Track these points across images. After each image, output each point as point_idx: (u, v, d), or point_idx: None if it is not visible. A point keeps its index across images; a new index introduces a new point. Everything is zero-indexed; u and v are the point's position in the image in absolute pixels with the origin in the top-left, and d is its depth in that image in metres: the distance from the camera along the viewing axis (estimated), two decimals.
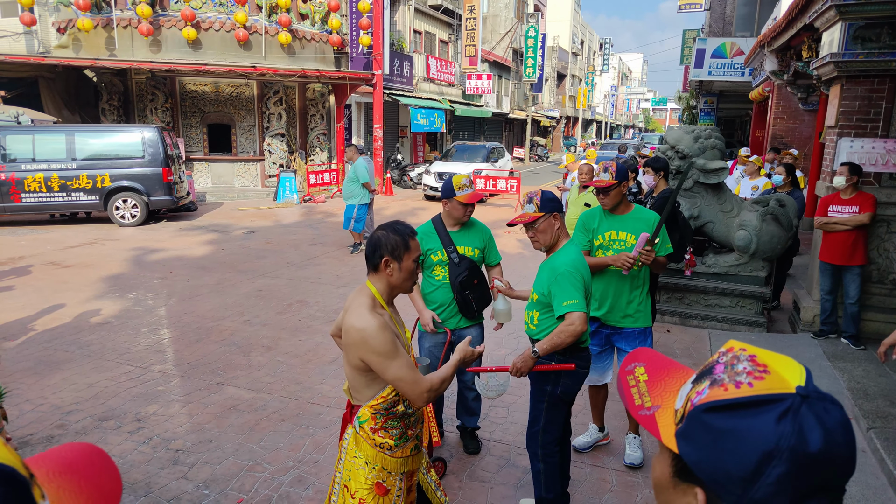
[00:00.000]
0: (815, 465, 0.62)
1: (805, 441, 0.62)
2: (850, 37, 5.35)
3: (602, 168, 3.49)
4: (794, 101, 12.66)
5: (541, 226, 2.84)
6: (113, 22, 14.19)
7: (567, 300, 2.72)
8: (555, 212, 2.85)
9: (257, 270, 8.35)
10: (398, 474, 2.17)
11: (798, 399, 0.63)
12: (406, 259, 2.11)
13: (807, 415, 0.63)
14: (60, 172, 11.15)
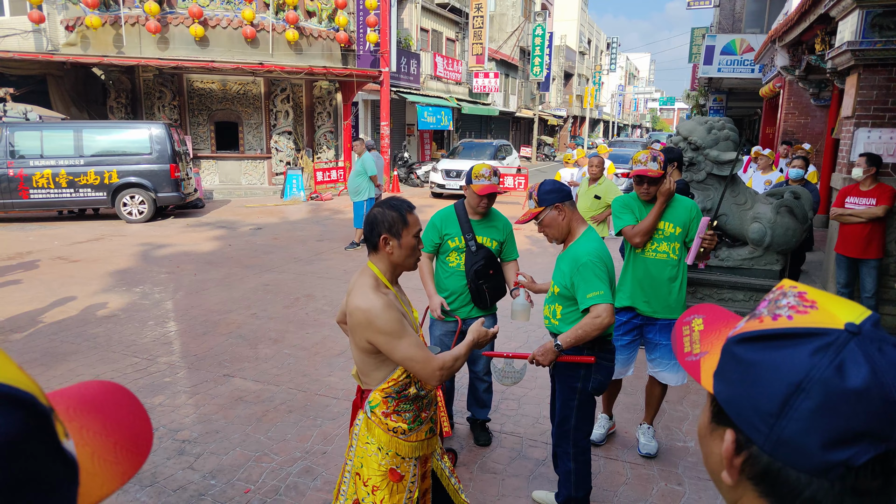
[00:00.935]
0: (852, 403, 0.54)
1: (844, 375, 0.54)
2: (868, 24, 5.25)
3: (650, 157, 3.32)
4: (806, 96, 12.52)
5: (545, 219, 2.74)
6: (121, 19, 14.22)
7: (591, 291, 2.59)
8: (557, 203, 2.70)
9: (264, 265, 8.31)
10: (412, 459, 2.09)
11: (845, 335, 0.56)
12: (405, 235, 2.02)
13: (853, 350, 0.55)
14: (68, 169, 11.15)
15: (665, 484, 3.36)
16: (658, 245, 3.44)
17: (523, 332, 5.82)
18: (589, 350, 2.72)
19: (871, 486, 0.55)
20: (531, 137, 37.23)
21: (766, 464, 0.59)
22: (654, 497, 3.25)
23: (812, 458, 0.56)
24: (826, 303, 0.60)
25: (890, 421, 0.54)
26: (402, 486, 2.07)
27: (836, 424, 0.55)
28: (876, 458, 0.54)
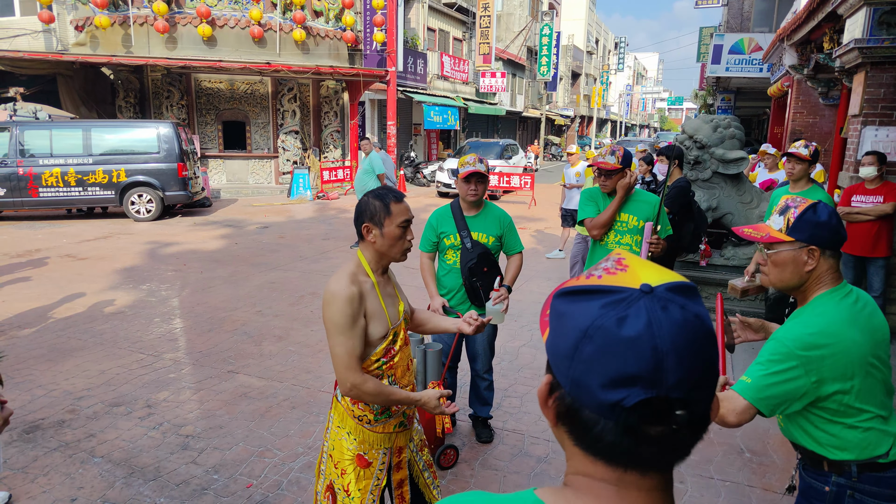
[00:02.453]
0: (625, 349, 0.60)
1: (620, 324, 0.61)
2: (875, 22, 5.21)
3: (609, 151, 3.48)
4: (815, 95, 12.43)
5: (780, 257, 1.75)
6: (129, 19, 14.31)
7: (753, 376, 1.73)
8: (815, 245, 1.71)
9: (270, 264, 8.34)
10: (381, 448, 2.11)
11: (637, 293, 0.63)
12: (388, 224, 2.01)
13: (639, 307, 0.62)
14: (77, 167, 11.24)
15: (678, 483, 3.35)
16: (622, 237, 3.55)
17: (528, 330, 5.82)
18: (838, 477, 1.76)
19: (649, 431, 0.62)
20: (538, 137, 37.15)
21: (568, 404, 0.66)
22: None
23: (594, 396, 0.62)
24: (637, 267, 0.67)
25: (656, 368, 0.60)
26: (370, 473, 2.09)
27: (611, 367, 0.61)
28: (651, 404, 0.61)
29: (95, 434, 3.71)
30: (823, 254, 1.72)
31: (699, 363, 0.62)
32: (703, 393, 0.63)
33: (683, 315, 0.62)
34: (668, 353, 0.60)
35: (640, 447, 0.63)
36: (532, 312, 6.37)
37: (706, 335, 0.63)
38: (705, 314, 0.64)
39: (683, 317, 0.62)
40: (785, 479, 3.38)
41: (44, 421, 3.86)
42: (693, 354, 0.61)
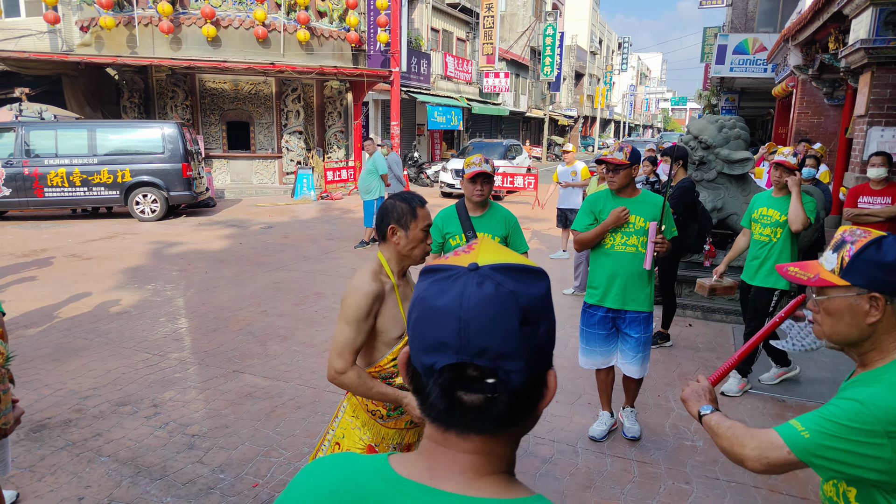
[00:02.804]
0: (434, 318, 0.69)
1: (437, 297, 0.69)
2: (881, 23, 5.20)
3: (617, 147, 3.49)
4: (819, 96, 12.41)
5: (833, 305, 1.41)
6: (134, 20, 14.36)
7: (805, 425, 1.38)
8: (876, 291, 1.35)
9: (274, 263, 8.36)
10: (391, 443, 2.14)
11: (463, 270, 0.70)
12: (413, 227, 2.07)
13: (459, 281, 0.69)
14: (82, 167, 11.28)
15: (673, 482, 3.35)
16: (628, 238, 3.53)
17: None
18: None
19: (463, 396, 0.69)
20: (541, 137, 37.13)
21: (411, 370, 0.75)
22: (661, 495, 3.24)
23: (419, 360, 0.71)
24: (482, 250, 0.73)
25: (459, 335, 0.67)
26: None
27: (426, 333, 0.69)
28: (459, 369, 0.68)
29: (102, 433, 3.72)
30: (891, 302, 1.34)
31: (504, 335, 0.67)
32: (514, 364, 0.67)
33: (496, 291, 0.67)
34: (469, 322, 0.66)
35: (455, 409, 0.70)
36: None
37: (514, 310, 0.67)
38: (526, 292, 0.69)
39: (495, 292, 0.67)
40: (792, 481, 3.38)
41: (50, 420, 3.88)
42: (497, 326, 0.66)
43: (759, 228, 4.36)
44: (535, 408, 0.73)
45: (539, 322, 0.69)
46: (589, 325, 3.74)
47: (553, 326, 0.73)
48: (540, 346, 0.70)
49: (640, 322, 3.61)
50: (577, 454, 3.64)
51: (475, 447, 0.72)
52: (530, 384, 0.70)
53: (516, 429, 0.73)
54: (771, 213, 4.29)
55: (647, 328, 3.64)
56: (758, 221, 4.38)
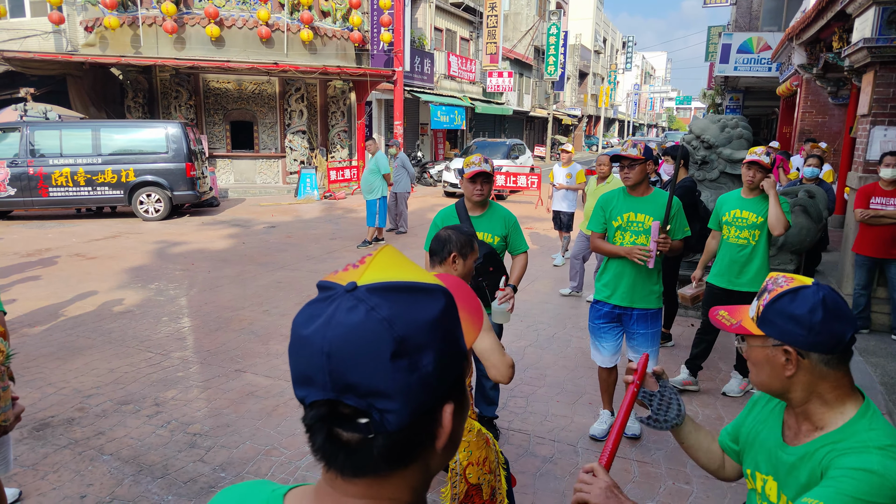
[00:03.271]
0: (300, 347, 0.62)
1: (307, 322, 0.62)
2: (885, 21, 5.18)
3: (631, 144, 3.52)
4: (824, 95, 12.36)
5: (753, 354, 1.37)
6: (139, 20, 14.41)
7: None
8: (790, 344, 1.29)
9: (277, 263, 8.38)
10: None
11: (341, 291, 0.62)
12: (469, 258, 2.33)
13: (331, 305, 0.61)
14: (86, 167, 11.33)
15: (673, 483, 3.35)
16: (636, 238, 3.55)
17: (533, 330, 5.82)
18: None
19: (341, 435, 0.61)
20: (545, 137, 37.09)
21: None
22: (661, 495, 3.24)
23: (295, 392, 0.64)
24: (372, 265, 0.66)
25: (323, 369, 0.59)
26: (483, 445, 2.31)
27: (295, 364, 0.63)
28: (330, 407, 0.60)
29: (104, 432, 3.74)
30: (807, 357, 1.25)
31: (372, 370, 0.58)
32: (388, 402, 0.59)
33: (365, 318, 0.59)
34: (332, 355, 0.58)
35: (332, 448, 0.62)
36: (538, 312, 6.37)
37: (385, 340, 0.58)
38: (406, 318, 0.60)
39: (364, 319, 0.59)
40: None
41: (53, 419, 3.90)
42: (363, 360, 0.58)
43: (735, 231, 4.21)
44: (428, 446, 0.65)
45: (421, 353, 0.60)
46: (595, 319, 3.78)
47: (448, 354, 0.63)
48: (423, 380, 0.60)
49: (648, 318, 3.65)
50: (578, 454, 3.65)
51: (360, 491, 0.64)
52: (415, 423, 0.61)
53: (411, 469, 0.65)
54: (746, 216, 4.15)
55: (655, 323, 3.68)
56: (731, 224, 4.23)
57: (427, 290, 0.63)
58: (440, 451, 0.66)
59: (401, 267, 0.66)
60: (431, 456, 0.66)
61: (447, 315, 0.63)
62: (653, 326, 3.66)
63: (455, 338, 0.64)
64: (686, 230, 3.68)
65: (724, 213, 4.26)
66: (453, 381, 0.65)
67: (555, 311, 6.48)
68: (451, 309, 0.64)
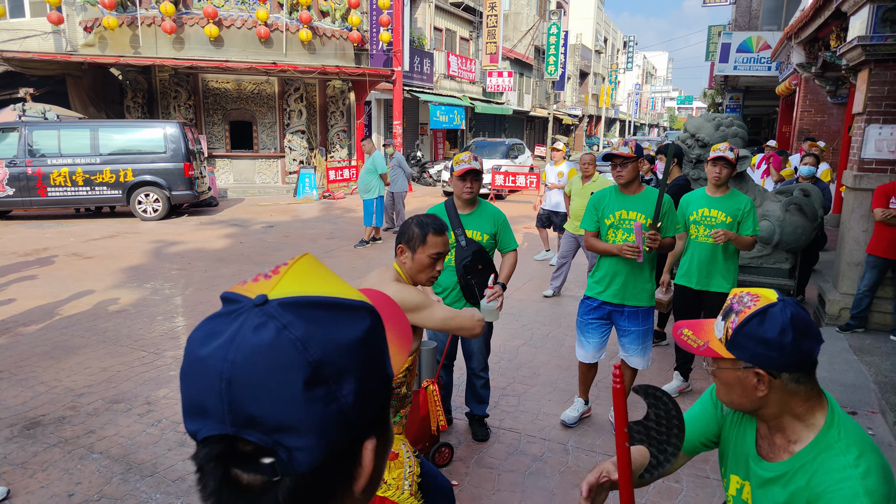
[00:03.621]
0: (196, 371, 0.52)
1: (204, 341, 0.53)
2: (879, 19, 5.16)
3: (622, 142, 3.55)
4: (823, 94, 12.34)
5: (723, 376, 1.34)
6: (137, 20, 14.43)
7: None
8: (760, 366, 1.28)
9: (274, 262, 8.38)
10: (401, 443, 2.17)
11: (249, 305, 0.53)
12: (420, 252, 2.14)
13: (235, 322, 0.53)
14: (85, 167, 11.34)
15: (663, 481, 3.34)
16: (629, 235, 3.55)
17: (528, 329, 5.81)
18: None
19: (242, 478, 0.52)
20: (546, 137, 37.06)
21: None
22: (651, 493, 3.23)
23: (185, 424, 0.54)
24: (288, 274, 0.57)
25: (220, 398, 0.50)
26: (399, 463, 2.14)
27: (187, 390, 0.53)
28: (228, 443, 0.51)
29: (95, 430, 3.74)
30: (778, 377, 1.26)
31: (281, 400, 0.50)
32: (299, 439, 0.50)
33: (276, 338, 0.51)
34: (234, 381, 0.50)
35: (230, 491, 0.52)
36: (533, 312, 6.36)
37: (298, 366, 0.50)
38: (325, 339, 0.52)
39: (274, 340, 0.51)
40: None
41: (44, 417, 3.90)
42: (271, 388, 0.50)
43: (704, 231, 4.13)
44: (345, 489, 0.56)
45: (340, 380, 0.52)
46: (584, 314, 3.79)
47: (371, 382, 0.55)
48: (342, 413, 0.52)
49: (639, 315, 3.66)
50: (568, 452, 3.64)
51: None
52: (329, 462, 0.53)
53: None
54: (714, 214, 4.09)
55: (647, 320, 3.69)
56: (699, 223, 4.16)
57: (350, 307, 0.56)
58: (359, 494, 0.58)
59: (321, 279, 0.58)
60: (348, 499, 0.57)
61: (372, 337, 0.56)
62: (644, 324, 3.66)
63: (381, 363, 0.57)
64: (678, 227, 3.71)
65: (692, 212, 4.20)
66: (376, 413, 0.57)
67: (549, 310, 6.47)
68: (377, 330, 0.57)
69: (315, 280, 0.57)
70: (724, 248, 4.12)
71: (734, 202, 4.08)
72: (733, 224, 4.04)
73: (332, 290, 0.57)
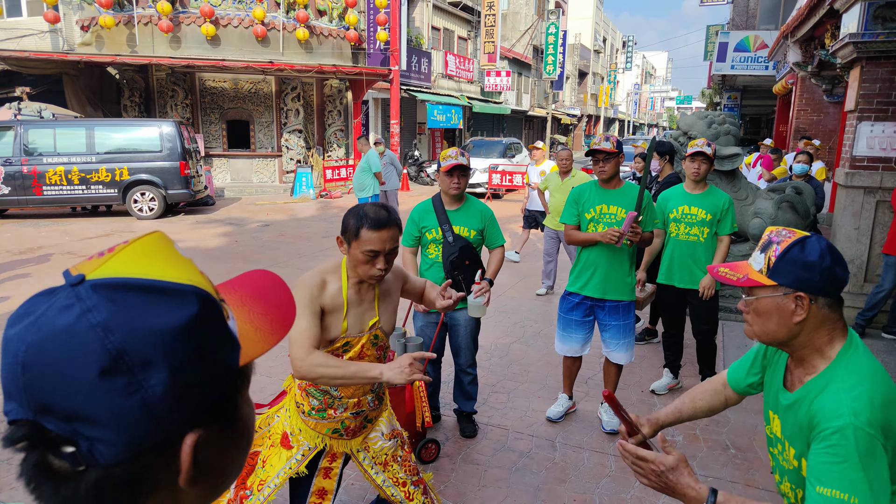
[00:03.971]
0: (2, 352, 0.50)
1: (15, 321, 0.50)
2: (870, 16, 5.16)
3: (603, 138, 3.55)
4: (819, 93, 12.34)
5: (761, 305, 1.43)
6: (134, 19, 14.43)
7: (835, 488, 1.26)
8: (802, 291, 1.37)
9: (268, 261, 8.38)
10: (306, 439, 2.14)
11: (66, 285, 0.51)
12: (354, 247, 1.99)
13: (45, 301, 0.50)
14: (81, 166, 11.34)
15: None
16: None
17: (520, 327, 5.81)
18: None
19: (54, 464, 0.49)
20: (544, 136, 37.07)
21: None
22: (636, 489, 3.23)
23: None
24: (125, 251, 0.54)
25: (16, 382, 0.48)
26: (286, 456, 2.11)
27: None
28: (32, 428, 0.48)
29: None
30: (815, 301, 1.37)
31: (74, 388, 0.47)
32: (97, 430, 0.48)
33: (75, 322, 0.48)
34: (27, 366, 0.47)
35: (44, 480, 0.50)
36: (526, 309, 6.36)
37: (94, 353, 0.47)
38: (133, 326, 0.49)
39: (73, 324, 0.48)
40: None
41: None
42: (62, 375, 0.47)
43: (685, 228, 4.11)
44: (168, 483, 0.53)
45: (147, 370, 0.48)
46: (566, 310, 3.80)
47: (193, 374, 0.51)
48: (148, 406, 0.48)
49: (620, 310, 3.67)
50: (555, 448, 3.64)
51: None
52: (141, 456, 0.50)
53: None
54: (695, 212, 4.07)
55: (628, 315, 3.70)
56: (680, 221, 4.13)
57: (173, 291, 0.52)
58: (194, 489, 0.54)
59: (158, 260, 0.54)
60: (178, 494, 0.54)
61: (199, 325, 0.52)
62: (625, 318, 3.67)
63: (210, 353, 0.53)
64: (657, 222, 3.76)
65: (672, 209, 4.17)
66: (206, 406, 0.53)
67: (542, 308, 6.47)
68: (209, 317, 0.53)
69: (150, 261, 0.54)
70: (706, 246, 4.10)
71: (713, 199, 4.09)
72: (713, 221, 4.04)
73: (168, 272, 0.53)
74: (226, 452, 0.58)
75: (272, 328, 0.62)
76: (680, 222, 4.13)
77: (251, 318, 0.62)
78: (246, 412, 0.62)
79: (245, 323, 0.61)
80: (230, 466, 0.59)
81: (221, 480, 0.59)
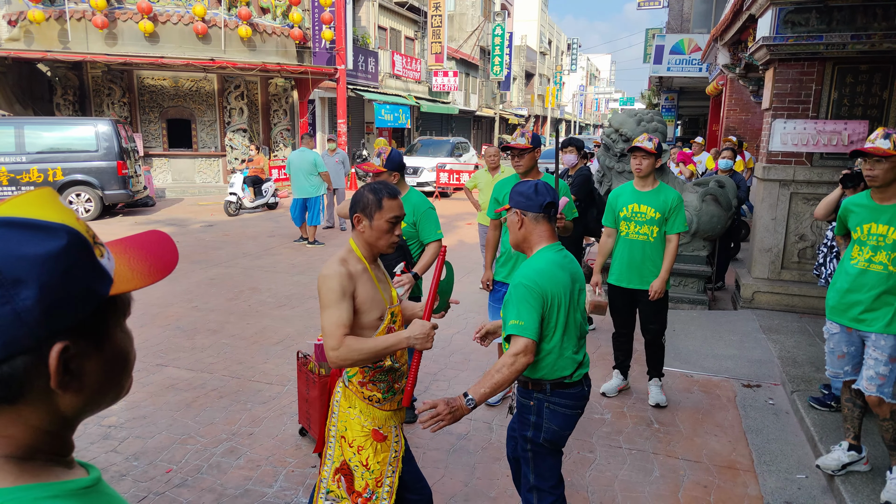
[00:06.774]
0: None
1: None
2: (781, 21, 5.54)
3: (519, 133, 3.70)
4: (746, 93, 13.00)
5: (507, 220, 2.42)
6: (66, 14, 13.88)
7: (512, 318, 2.20)
8: (517, 208, 2.32)
9: (211, 261, 8.27)
10: (392, 424, 2.21)
11: None
12: (377, 218, 2.12)
13: None
14: (9, 166, 10.87)
15: (577, 452, 3.53)
16: None
17: (463, 319, 5.96)
18: (538, 394, 2.32)
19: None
20: (493, 136, 37.54)
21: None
22: (566, 464, 3.40)
23: None
24: (13, 201, 0.66)
25: None
26: (386, 446, 2.18)
27: None
28: None
29: None
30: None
31: None
32: None
33: None
34: None
35: None
36: (470, 302, 6.52)
37: None
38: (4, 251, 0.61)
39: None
40: (689, 447, 3.61)
41: None
42: None
43: (635, 227, 4.00)
44: (42, 386, 0.63)
45: (17, 286, 0.60)
46: (495, 301, 3.95)
47: (61, 293, 0.62)
48: (19, 315, 0.60)
49: None
50: (492, 430, 3.79)
51: None
52: (13, 359, 0.61)
53: (24, 407, 0.64)
54: (644, 210, 3.97)
55: None
56: (630, 220, 4.02)
57: (47, 228, 0.63)
58: (67, 393, 0.65)
59: (40, 206, 0.66)
60: (53, 396, 0.65)
61: (67, 255, 0.63)
62: None
63: (76, 279, 0.64)
64: (574, 212, 3.94)
65: (621, 208, 4.07)
66: (73, 323, 0.64)
67: (483, 300, 6.63)
68: (76, 249, 0.64)
69: (30, 207, 0.65)
70: (655, 245, 3.98)
71: (662, 197, 3.96)
72: (661, 220, 3.94)
73: (45, 215, 0.65)
74: (97, 368, 0.69)
75: (149, 271, 0.74)
76: (630, 221, 4.02)
77: (129, 262, 0.74)
78: (120, 338, 0.72)
79: (122, 265, 0.73)
80: (103, 383, 0.70)
81: (96, 392, 0.69)
